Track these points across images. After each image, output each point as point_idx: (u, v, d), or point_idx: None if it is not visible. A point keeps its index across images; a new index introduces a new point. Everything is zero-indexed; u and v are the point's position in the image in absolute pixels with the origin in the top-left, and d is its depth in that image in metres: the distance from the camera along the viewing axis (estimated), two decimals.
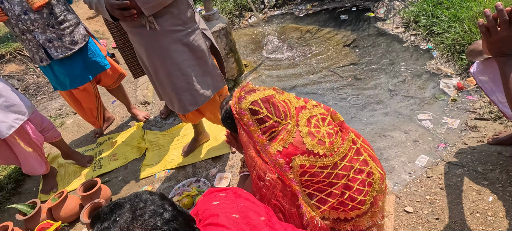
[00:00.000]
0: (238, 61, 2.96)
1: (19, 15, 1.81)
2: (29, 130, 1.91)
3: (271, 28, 4.00)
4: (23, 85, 3.69)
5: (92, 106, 2.43)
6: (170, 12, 1.43)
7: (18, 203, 2.06)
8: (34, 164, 2.02)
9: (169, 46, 1.49)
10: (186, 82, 1.59)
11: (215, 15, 2.65)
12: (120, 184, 2.17)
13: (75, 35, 2.04)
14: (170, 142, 2.43)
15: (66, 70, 2.08)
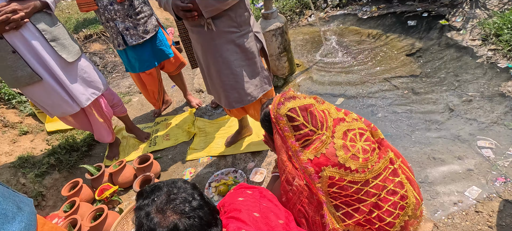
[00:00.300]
0: (291, 61, 2.98)
1: (106, 6, 2.12)
2: (102, 103, 2.24)
3: (330, 28, 3.90)
4: (103, 62, 4.27)
5: (154, 89, 2.72)
6: (227, 15, 1.53)
7: (88, 164, 2.45)
8: (104, 133, 2.37)
9: (222, 46, 1.60)
10: (234, 81, 1.69)
11: (274, 14, 2.70)
12: (168, 162, 2.41)
13: (148, 25, 2.31)
14: (216, 130, 2.60)
15: (137, 55, 2.37)
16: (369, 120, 2.24)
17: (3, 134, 2.57)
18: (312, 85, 2.88)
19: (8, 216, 0.67)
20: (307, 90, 2.84)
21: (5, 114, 2.75)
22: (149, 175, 2.07)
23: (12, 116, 2.82)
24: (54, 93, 1.92)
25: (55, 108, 2.01)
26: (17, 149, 2.51)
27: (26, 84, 1.84)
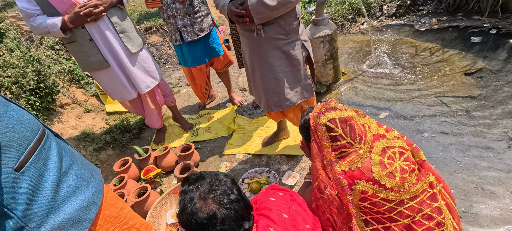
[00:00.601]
0: (336, 69, 2.94)
1: (169, 4, 2.32)
2: (156, 92, 2.45)
3: (383, 38, 3.75)
4: (158, 54, 4.62)
5: (202, 84, 2.90)
6: (277, 22, 1.59)
7: (138, 145, 2.69)
8: (154, 119, 2.59)
9: (269, 51, 1.67)
10: (276, 86, 1.75)
11: (324, 21, 2.69)
12: (207, 154, 2.55)
13: (203, 24, 2.47)
14: (255, 129, 2.68)
15: (190, 51, 2.55)
16: (414, 138, 2.14)
17: (72, 109, 2.94)
18: (355, 96, 2.82)
19: (85, 181, 0.81)
20: (350, 100, 2.78)
21: (74, 93, 3.15)
22: (189, 163, 2.22)
23: (80, 95, 3.22)
24: (117, 80, 2.17)
25: (116, 93, 2.26)
26: (81, 124, 2.86)
27: (96, 69, 2.10)
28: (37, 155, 0.71)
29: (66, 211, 0.71)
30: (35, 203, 0.67)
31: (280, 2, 1.48)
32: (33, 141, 0.71)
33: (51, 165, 0.73)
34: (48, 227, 0.67)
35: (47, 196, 0.69)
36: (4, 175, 0.63)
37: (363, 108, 2.63)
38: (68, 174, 0.77)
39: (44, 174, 0.71)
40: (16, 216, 0.64)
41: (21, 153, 0.68)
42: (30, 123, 0.74)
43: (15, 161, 0.66)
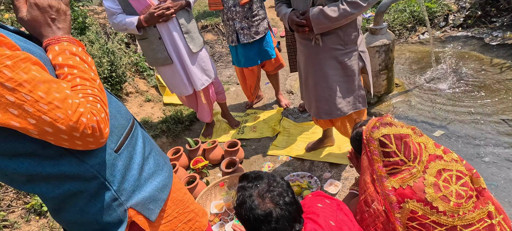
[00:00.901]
0: (390, 80, 2.84)
1: (230, 7, 2.46)
2: (210, 89, 2.62)
3: (445, 50, 3.50)
4: (212, 51, 4.86)
5: (252, 84, 3.01)
6: (336, 32, 1.61)
7: (188, 136, 2.89)
8: (205, 114, 2.77)
9: (325, 60, 1.68)
10: (328, 94, 1.76)
11: (382, 30, 2.61)
12: (251, 152, 2.64)
13: (259, 27, 2.57)
14: (300, 133, 2.70)
15: (245, 52, 2.67)
16: (472, 162, 1.99)
17: (135, 98, 3.27)
18: (408, 110, 2.69)
19: (160, 166, 0.93)
20: (402, 114, 2.66)
21: (138, 83, 3.48)
22: (234, 159, 2.34)
23: (142, 85, 3.55)
24: (178, 76, 2.37)
25: (175, 87, 2.46)
26: (141, 112, 3.16)
27: (161, 65, 2.32)
28: (129, 141, 0.83)
29: (146, 190, 0.84)
30: (126, 180, 0.79)
31: (341, 13, 1.48)
32: (127, 128, 0.84)
33: (138, 150, 0.85)
34: (133, 202, 0.80)
35: (134, 175, 0.82)
36: (107, 155, 0.75)
37: (416, 124, 2.50)
38: (148, 158, 0.89)
39: (133, 156, 0.83)
40: (113, 189, 0.77)
41: (119, 137, 0.80)
42: (125, 113, 0.87)
43: (115, 144, 0.79)
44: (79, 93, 0.67)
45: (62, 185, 0.70)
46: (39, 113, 0.57)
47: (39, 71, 0.59)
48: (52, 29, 0.70)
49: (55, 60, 0.68)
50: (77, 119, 0.61)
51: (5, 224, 1.68)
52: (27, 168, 0.65)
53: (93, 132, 0.64)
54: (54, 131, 0.59)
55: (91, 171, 0.73)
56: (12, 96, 0.54)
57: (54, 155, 0.67)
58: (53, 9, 0.70)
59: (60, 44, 0.69)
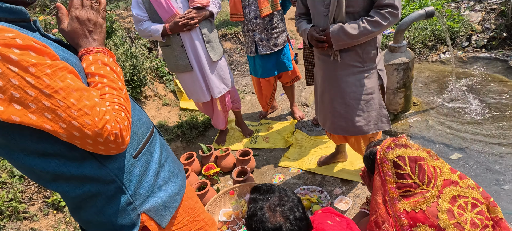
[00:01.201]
0: (407, 98, 2.80)
1: (251, 19, 2.53)
2: (226, 97, 2.67)
3: (467, 71, 3.42)
4: (229, 60, 4.95)
5: (268, 94, 3.04)
6: (354, 50, 1.61)
7: (202, 142, 2.95)
8: (219, 121, 2.82)
9: (342, 77, 1.69)
10: (344, 111, 1.75)
11: (402, 49, 2.59)
12: (262, 162, 2.66)
13: (278, 39, 2.62)
14: (312, 147, 2.70)
15: (262, 63, 2.72)
16: (490, 190, 1.93)
17: (153, 101, 3.37)
18: (425, 130, 2.63)
19: (174, 173, 0.97)
20: (419, 134, 2.61)
21: (156, 87, 3.60)
22: (246, 168, 2.36)
23: (161, 89, 3.66)
24: (196, 83, 2.44)
25: (193, 94, 2.53)
26: (158, 115, 3.25)
27: (181, 71, 2.41)
28: (147, 148, 0.88)
29: (160, 197, 0.87)
30: (141, 185, 0.84)
31: (361, 31, 1.49)
32: (146, 135, 0.89)
33: (155, 157, 0.90)
34: (147, 207, 0.84)
35: (149, 181, 0.86)
36: (126, 160, 0.80)
37: (433, 145, 2.45)
38: (164, 166, 0.93)
39: (150, 163, 0.87)
40: (129, 194, 0.81)
41: (138, 144, 0.85)
42: (146, 121, 0.92)
43: (134, 150, 0.83)
44: (107, 101, 0.72)
45: (82, 186, 0.75)
46: (69, 118, 0.62)
47: (73, 80, 0.64)
48: (88, 40, 0.77)
49: (88, 69, 0.74)
50: (102, 125, 0.66)
51: (25, 216, 1.77)
52: (54, 167, 0.70)
53: (116, 139, 0.69)
54: (81, 135, 0.64)
55: (110, 174, 0.77)
56: (48, 102, 0.60)
57: (78, 157, 0.72)
58: (91, 22, 0.77)
59: (94, 54, 0.76)
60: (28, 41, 0.59)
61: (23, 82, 0.57)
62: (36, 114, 0.59)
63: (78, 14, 0.75)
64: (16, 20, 0.68)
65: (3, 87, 0.56)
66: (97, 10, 0.79)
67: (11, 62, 0.56)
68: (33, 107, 0.59)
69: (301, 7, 1.83)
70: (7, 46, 0.56)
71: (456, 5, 4.77)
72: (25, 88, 0.57)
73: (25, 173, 0.75)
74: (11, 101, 0.57)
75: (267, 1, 2.45)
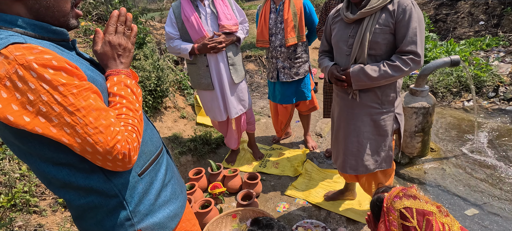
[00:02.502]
0: (425, 143, 2.72)
1: (276, 46, 2.61)
2: (242, 118, 2.72)
3: (491, 123, 3.29)
4: (250, 80, 5.04)
5: (283, 121, 3.07)
6: (374, 91, 1.62)
7: (212, 159, 2.98)
8: (232, 141, 2.86)
9: (359, 116, 1.69)
10: (357, 149, 1.74)
11: (423, 93, 2.55)
12: (269, 188, 2.64)
13: (300, 69, 2.67)
14: (321, 179, 2.66)
15: (282, 90, 2.77)
16: None
17: (171, 113, 3.48)
18: (441, 179, 2.53)
19: (176, 194, 1.00)
20: (433, 182, 2.51)
21: (177, 99, 3.71)
22: (251, 192, 2.36)
23: (180, 102, 3.77)
24: (215, 102, 2.52)
25: (210, 112, 2.61)
26: (175, 127, 3.34)
27: (203, 89, 2.50)
28: (153, 167, 0.92)
29: (158, 216, 0.90)
30: (142, 203, 0.87)
31: (382, 75, 1.50)
32: (154, 155, 0.93)
33: (159, 176, 0.93)
34: (144, 225, 0.87)
35: (150, 200, 0.89)
36: (131, 177, 0.84)
37: (448, 196, 2.34)
38: (167, 186, 0.96)
39: (153, 182, 0.91)
40: (129, 210, 0.85)
41: (145, 162, 0.88)
42: (156, 141, 0.96)
43: (140, 168, 0.87)
44: (122, 121, 0.77)
45: (86, 197, 0.80)
46: (85, 135, 0.68)
47: (95, 100, 0.71)
48: (116, 63, 0.85)
49: (111, 89, 0.81)
50: (113, 144, 0.71)
51: (35, 210, 1.85)
52: (64, 176, 0.76)
53: (123, 158, 0.74)
54: (92, 151, 0.70)
55: (114, 189, 0.81)
56: (69, 118, 0.66)
57: (87, 169, 0.77)
58: (121, 47, 0.85)
59: (118, 76, 0.83)
60: (62, 63, 0.66)
61: (51, 99, 0.64)
62: (57, 128, 0.65)
63: (111, 39, 0.83)
64: (57, 40, 0.77)
65: (33, 101, 0.62)
66: (128, 37, 0.87)
67: (44, 80, 0.63)
68: (55, 122, 0.65)
69: (325, 44, 1.86)
70: (44, 66, 0.63)
71: (485, 54, 4.68)
72: (51, 104, 0.64)
73: (38, 176, 0.81)
74: (38, 114, 0.63)
75: (294, 32, 2.52)
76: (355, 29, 1.59)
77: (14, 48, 0.62)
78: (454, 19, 5.98)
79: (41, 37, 0.72)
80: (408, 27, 1.46)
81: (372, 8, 1.50)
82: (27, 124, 0.63)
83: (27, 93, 0.62)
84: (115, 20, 0.84)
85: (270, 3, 2.60)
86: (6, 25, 0.68)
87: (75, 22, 0.80)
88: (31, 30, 0.71)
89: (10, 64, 0.60)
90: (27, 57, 0.61)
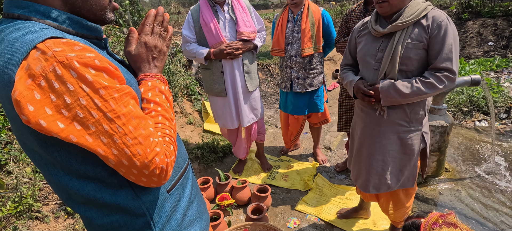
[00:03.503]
0: (440, 163, 2.65)
1: (291, 56, 2.54)
2: (253, 127, 2.64)
3: (504, 145, 3.22)
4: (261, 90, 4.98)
5: (293, 132, 2.98)
6: (403, 108, 1.54)
7: (219, 168, 2.88)
8: (241, 150, 2.77)
9: (385, 133, 1.60)
10: (381, 168, 1.66)
11: (441, 111, 2.50)
12: (278, 202, 2.55)
13: (314, 80, 2.60)
14: (333, 195, 2.57)
15: (294, 100, 2.70)
16: None
17: (178, 118, 3.39)
18: (456, 200, 2.45)
19: (201, 213, 0.92)
20: (449, 204, 2.43)
21: (184, 104, 3.63)
22: (262, 206, 2.26)
23: (187, 107, 3.69)
24: (227, 109, 2.44)
25: (221, 119, 2.52)
26: (181, 133, 3.25)
27: (215, 95, 2.43)
28: (181, 182, 0.83)
29: None
30: (169, 223, 0.78)
31: (414, 91, 1.43)
32: (182, 168, 0.85)
33: (186, 193, 0.85)
34: None
35: (177, 219, 0.80)
36: (160, 194, 0.76)
37: (465, 220, 2.26)
38: (193, 203, 0.88)
39: (181, 199, 0.82)
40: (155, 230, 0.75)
41: (174, 177, 0.80)
42: (183, 153, 0.88)
43: (169, 183, 0.79)
44: (159, 131, 0.70)
45: (111, 215, 0.71)
46: (123, 146, 0.60)
47: (134, 106, 0.63)
48: (150, 66, 0.77)
49: (145, 95, 0.72)
50: (152, 157, 0.63)
51: (37, 216, 1.74)
52: (89, 191, 0.67)
53: (160, 173, 0.66)
54: (129, 164, 0.62)
55: (142, 207, 0.73)
56: (108, 126, 0.58)
57: (116, 185, 0.69)
58: (156, 49, 0.77)
59: (153, 80, 0.75)
60: (104, 63, 0.58)
61: (90, 103, 0.56)
62: (93, 136, 0.57)
63: (146, 40, 0.76)
64: (91, 37, 0.69)
65: (70, 105, 0.54)
66: (164, 38, 0.79)
67: (85, 81, 0.55)
68: (92, 130, 0.57)
69: (349, 58, 1.79)
70: (85, 65, 0.55)
71: (495, 75, 4.65)
72: (90, 110, 0.56)
73: (56, 190, 0.71)
74: (74, 120, 0.55)
75: (310, 42, 2.46)
76: (384, 43, 1.52)
77: (53, 43, 0.54)
78: (463, 38, 5.98)
79: (75, 33, 0.64)
80: (443, 44, 1.39)
81: (405, 22, 1.44)
82: (61, 131, 0.54)
83: (64, 95, 0.53)
84: (152, 20, 0.77)
85: (288, 12, 2.54)
86: (38, 17, 0.60)
87: (112, 16, 0.72)
88: (65, 24, 0.63)
89: (47, 61, 0.52)
90: (67, 55, 0.54)
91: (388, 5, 1.43)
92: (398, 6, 1.44)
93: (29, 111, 0.52)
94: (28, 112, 0.52)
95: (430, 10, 1.43)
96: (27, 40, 0.54)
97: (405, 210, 1.85)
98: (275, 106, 4.60)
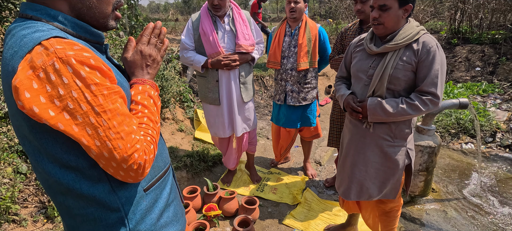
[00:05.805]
0: (427, 183, 2.67)
1: (287, 69, 2.57)
2: (244, 138, 2.62)
3: (489, 168, 3.29)
4: None
5: (284, 145, 2.98)
6: (388, 124, 1.59)
7: (208, 177, 2.84)
8: (231, 160, 2.74)
9: (369, 146, 1.65)
10: (363, 178, 1.70)
11: (430, 132, 2.54)
12: (266, 215, 2.51)
13: (308, 94, 2.62)
14: (321, 211, 2.55)
15: (287, 113, 2.70)
16: None
17: (170, 124, 3.35)
18: (443, 221, 2.47)
19: (177, 217, 0.94)
20: (436, 224, 2.45)
21: (176, 111, 3.59)
22: (249, 218, 2.23)
23: (179, 114, 3.65)
24: (220, 118, 2.43)
25: (213, 127, 2.51)
26: (171, 140, 3.20)
27: (209, 103, 2.43)
28: (159, 183, 0.87)
29: None
30: (143, 221, 0.82)
31: (399, 111, 1.48)
32: (162, 171, 0.89)
33: (164, 195, 0.89)
34: None
35: (152, 219, 0.84)
36: (137, 191, 0.80)
37: None
38: (170, 206, 0.91)
39: (157, 200, 0.86)
40: (128, 227, 0.79)
41: (152, 177, 0.85)
42: (165, 157, 0.92)
43: (146, 183, 0.83)
44: (142, 130, 0.76)
45: (88, 207, 0.75)
46: (105, 138, 0.65)
47: (121, 105, 0.69)
48: (143, 72, 0.85)
49: (134, 97, 0.79)
50: (131, 153, 0.68)
51: (14, 219, 1.67)
52: (69, 181, 0.71)
53: (138, 168, 0.70)
54: (109, 156, 0.66)
55: (117, 202, 0.76)
56: (94, 119, 0.64)
57: (95, 177, 0.73)
58: (150, 58, 0.85)
59: (144, 85, 0.82)
60: (99, 63, 0.65)
61: (81, 96, 0.62)
62: (79, 127, 0.63)
63: (142, 49, 0.84)
64: (92, 41, 0.77)
65: (62, 96, 0.60)
66: (159, 49, 0.87)
67: (79, 77, 0.61)
68: (79, 120, 0.63)
69: (344, 71, 1.84)
70: (81, 63, 0.62)
71: (481, 99, 4.78)
72: (80, 102, 0.62)
73: (39, 177, 0.76)
74: (64, 110, 0.61)
75: (306, 57, 2.49)
76: (377, 62, 1.57)
77: (55, 41, 0.61)
78: (452, 62, 6.17)
79: (78, 36, 0.73)
80: (430, 69, 1.45)
81: (397, 44, 1.49)
82: (51, 119, 0.60)
83: (58, 87, 0.60)
84: (149, 32, 0.86)
85: (286, 26, 2.58)
86: (47, 19, 0.68)
87: (114, 23, 0.80)
88: (71, 28, 0.71)
89: (48, 56, 0.60)
90: (67, 52, 0.61)
91: (383, 27, 1.50)
92: (393, 28, 1.51)
93: (25, 97, 0.58)
94: (24, 99, 0.58)
95: (422, 35, 1.49)
96: (34, 37, 0.61)
97: (391, 228, 1.87)
98: (267, 118, 4.60)
